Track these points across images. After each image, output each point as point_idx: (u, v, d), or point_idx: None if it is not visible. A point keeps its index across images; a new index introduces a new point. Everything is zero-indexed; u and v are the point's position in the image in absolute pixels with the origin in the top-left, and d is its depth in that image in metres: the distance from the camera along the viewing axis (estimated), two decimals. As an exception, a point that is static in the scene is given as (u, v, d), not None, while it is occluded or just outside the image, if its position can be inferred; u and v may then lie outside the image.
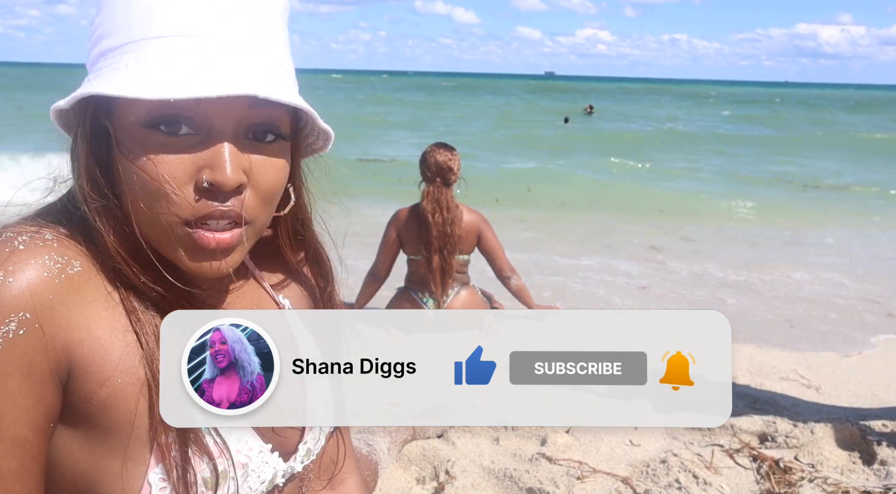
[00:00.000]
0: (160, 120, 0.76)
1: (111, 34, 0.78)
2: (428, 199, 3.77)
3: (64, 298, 0.76)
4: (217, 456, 0.82)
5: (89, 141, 0.80)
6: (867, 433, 2.44)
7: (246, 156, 0.79)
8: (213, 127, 0.77)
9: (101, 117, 0.79)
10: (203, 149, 0.77)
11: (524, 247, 6.24)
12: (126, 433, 0.78)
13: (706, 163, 15.02)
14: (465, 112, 29.71)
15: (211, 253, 0.80)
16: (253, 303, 0.97)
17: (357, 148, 14.30)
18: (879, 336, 4.27)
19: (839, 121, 31.23)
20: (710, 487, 2.09)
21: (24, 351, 0.73)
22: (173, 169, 0.76)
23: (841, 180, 12.67)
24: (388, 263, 4.02)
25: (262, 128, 0.80)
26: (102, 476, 0.79)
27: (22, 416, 0.74)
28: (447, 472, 2.15)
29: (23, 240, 0.77)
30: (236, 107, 0.77)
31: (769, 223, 8.37)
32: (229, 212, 0.78)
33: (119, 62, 0.76)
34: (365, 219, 5.85)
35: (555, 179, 11.47)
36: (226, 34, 0.77)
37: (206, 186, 0.77)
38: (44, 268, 0.76)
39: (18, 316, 0.73)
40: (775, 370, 3.34)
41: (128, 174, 0.77)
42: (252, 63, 0.78)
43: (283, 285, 1.04)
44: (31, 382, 0.74)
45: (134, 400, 0.78)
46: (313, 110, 0.82)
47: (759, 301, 5.00)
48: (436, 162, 3.80)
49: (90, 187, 0.80)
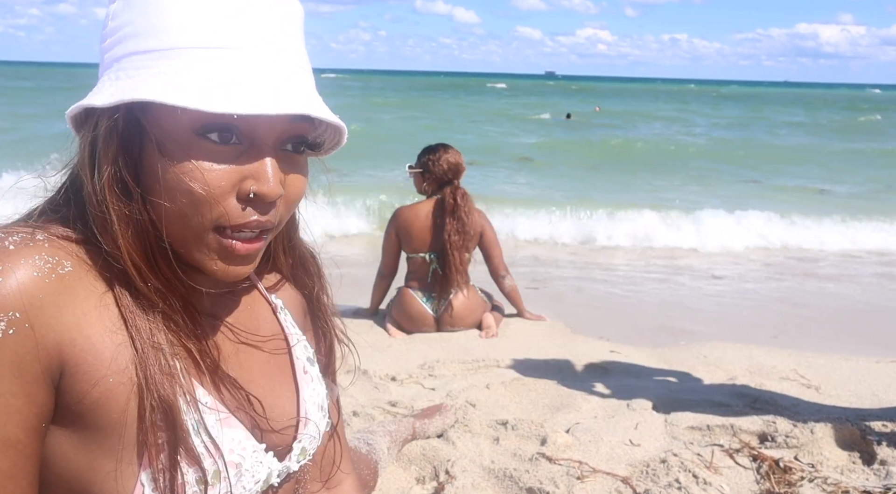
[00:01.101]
0: (213, 128, 0.77)
1: (145, 34, 0.78)
2: (456, 197, 3.83)
3: (55, 298, 0.77)
4: (208, 457, 0.82)
5: (120, 139, 0.79)
6: (867, 433, 2.44)
7: (282, 169, 0.82)
8: (255, 137, 0.80)
9: (138, 118, 0.79)
10: (247, 159, 0.80)
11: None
12: (118, 433, 0.78)
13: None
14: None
15: (241, 258, 0.83)
16: (248, 305, 0.98)
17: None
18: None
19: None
20: (710, 487, 2.09)
21: (14, 350, 0.74)
22: (219, 177, 0.78)
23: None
24: (393, 261, 4.07)
25: (298, 141, 0.84)
26: (95, 476, 0.79)
27: (14, 416, 0.74)
28: (447, 472, 2.15)
29: (13, 240, 0.77)
30: (280, 121, 0.80)
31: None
32: (266, 222, 0.82)
33: (164, 67, 0.76)
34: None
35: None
36: (271, 49, 0.79)
37: (251, 197, 0.80)
38: (34, 268, 0.76)
39: (8, 316, 0.73)
40: (775, 370, 3.34)
41: (168, 178, 0.78)
42: (300, 79, 0.81)
43: (276, 287, 1.06)
44: (22, 382, 0.74)
45: (125, 400, 0.78)
46: (345, 126, 0.87)
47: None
48: (448, 162, 3.87)
49: (116, 189, 0.80)
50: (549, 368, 3.29)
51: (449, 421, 2.45)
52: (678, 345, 3.78)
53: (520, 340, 3.78)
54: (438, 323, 3.94)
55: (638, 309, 4.86)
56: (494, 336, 3.84)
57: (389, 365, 3.30)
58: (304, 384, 0.99)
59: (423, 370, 3.26)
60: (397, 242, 4.01)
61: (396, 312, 4.00)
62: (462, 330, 3.93)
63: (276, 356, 0.98)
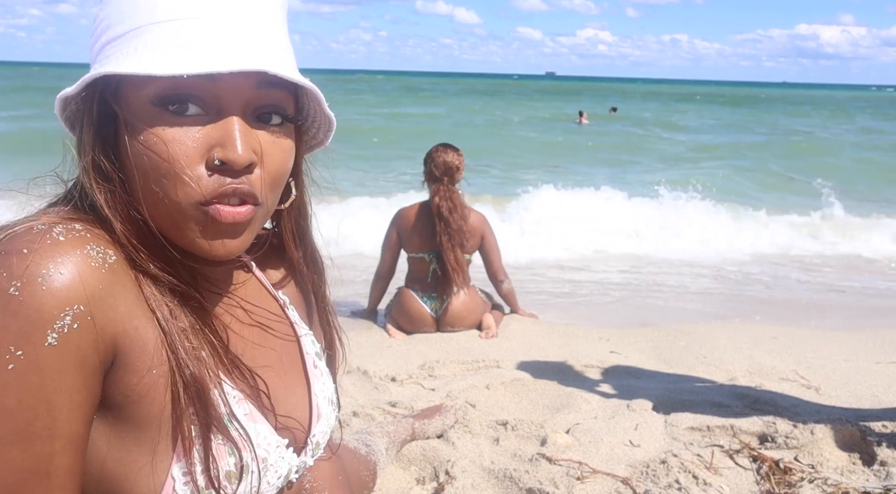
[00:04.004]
0: (169, 99, 0.76)
1: (116, 23, 0.79)
2: (440, 196, 3.84)
3: (111, 288, 0.76)
4: (242, 449, 0.82)
5: (95, 126, 0.80)
6: (867, 434, 2.44)
7: (255, 136, 0.80)
8: (221, 106, 0.78)
9: (108, 100, 0.79)
10: (213, 129, 0.78)
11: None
12: (155, 426, 0.78)
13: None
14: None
15: (225, 229, 0.80)
16: (255, 300, 0.98)
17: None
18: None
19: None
20: (710, 487, 2.09)
21: (78, 345, 0.72)
22: (184, 148, 0.77)
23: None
24: (391, 262, 4.07)
25: (269, 109, 0.81)
26: (127, 470, 0.78)
27: (77, 412, 0.73)
28: (447, 472, 2.15)
29: (59, 230, 0.75)
30: (245, 87, 0.78)
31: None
32: (241, 188, 0.79)
33: (127, 47, 0.77)
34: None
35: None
36: (232, 17, 0.78)
37: (218, 164, 0.78)
38: (90, 259, 0.75)
39: (73, 310, 0.72)
40: (775, 370, 3.34)
41: (138, 156, 0.77)
42: (261, 43, 0.79)
43: (283, 283, 1.06)
44: (84, 376, 0.73)
45: (164, 392, 0.78)
46: (319, 92, 0.83)
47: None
48: (444, 161, 3.87)
49: (95, 173, 0.80)
50: (549, 368, 3.29)
51: (449, 422, 2.45)
52: (678, 345, 3.78)
53: (520, 340, 3.78)
54: (438, 324, 3.94)
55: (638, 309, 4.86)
56: (494, 336, 3.84)
57: (389, 366, 3.30)
58: (314, 378, 1.00)
59: (422, 370, 3.25)
60: (398, 242, 4.01)
61: (396, 312, 3.99)
62: (462, 330, 3.93)
63: (288, 352, 0.98)
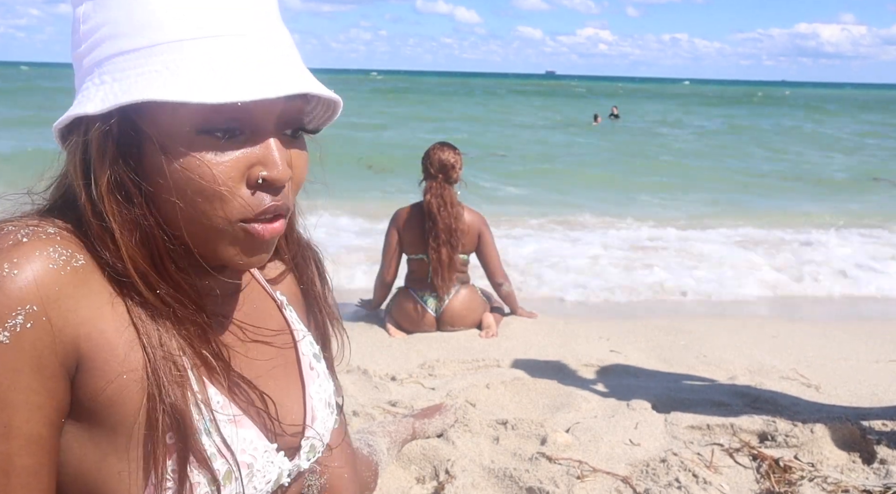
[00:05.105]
0: (215, 126, 0.76)
1: (127, 34, 0.76)
2: (431, 194, 3.83)
3: (70, 291, 0.76)
4: (219, 458, 0.81)
5: (117, 145, 0.77)
6: (867, 432, 2.44)
7: (287, 151, 0.81)
8: (256, 124, 0.79)
9: (133, 120, 0.76)
10: (251, 147, 0.78)
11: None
12: (129, 432, 0.78)
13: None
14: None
15: (264, 245, 0.83)
16: (256, 306, 0.97)
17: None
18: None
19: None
20: (710, 486, 2.10)
21: (33, 345, 0.72)
22: (227, 169, 0.77)
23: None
24: (394, 265, 4.04)
25: (295, 124, 0.83)
26: (106, 476, 0.78)
27: (36, 413, 0.74)
28: (447, 471, 2.15)
29: (25, 232, 0.76)
30: (277, 102, 0.78)
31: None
32: (282, 205, 0.81)
33: (148, 65, 0.74)
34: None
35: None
36: (254, 31, 0.77)
37: (261, 183, 0.79)
38: (49, 260, 0.75)
39: (25, 309, 0.72)
40: (775, 369, 3.34)
41: (176, 178, 0.76)
42: (289, 59, 0.79)
43: (278, 281, 1.05)
44: (42, 377, 0.73)
45: (138, 398, 0.77)
46: (341, 101, 0.86)
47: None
48: (439, 159, 3.86)
49: (117, 195, 0.77)
50: (549, 368, 3.29)
51: (449, 421, 2.45)
52: (678, 344, 3.78)
53: (520, 340, 3.78)
54: (438, 323, 3.94)
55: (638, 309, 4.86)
56: (494, 335, 3.84)
57: (389, 365, 3.30)
58: (309, 380, 0.99)
59: (423, 369, 3.26)
60: (399, 244, 4.00)
61: (396, 312, 3.99)
62: (462, 329, 3.93)
63: (284, 354, 0.97)
